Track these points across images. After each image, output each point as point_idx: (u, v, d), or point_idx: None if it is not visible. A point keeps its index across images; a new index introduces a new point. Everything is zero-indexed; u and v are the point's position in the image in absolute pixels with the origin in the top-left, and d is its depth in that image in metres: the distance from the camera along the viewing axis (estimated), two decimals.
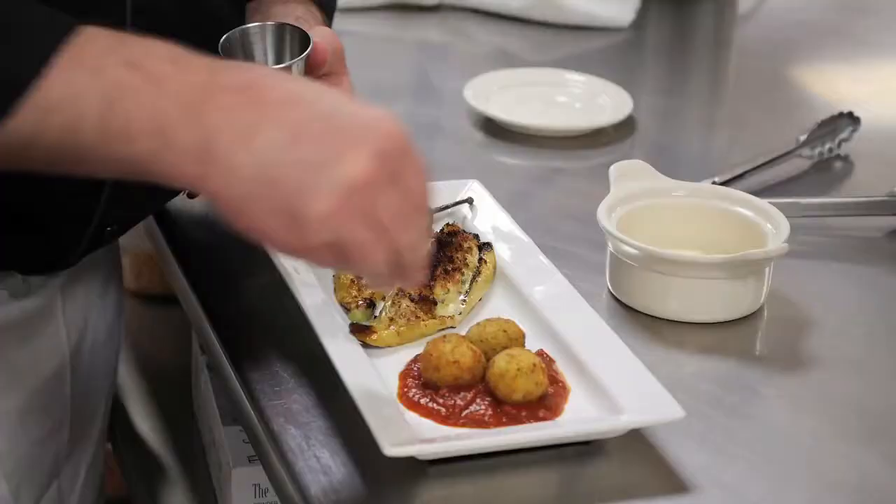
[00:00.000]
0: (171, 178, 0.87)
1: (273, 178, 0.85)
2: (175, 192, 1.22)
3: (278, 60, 1.12)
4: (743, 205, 1.20)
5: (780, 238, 1.15)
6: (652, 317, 1.15)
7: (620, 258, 1.16)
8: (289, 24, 1.12)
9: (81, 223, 1.10)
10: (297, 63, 1.09)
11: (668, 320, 1.14)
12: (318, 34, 1.11)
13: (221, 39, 1.11)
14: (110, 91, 0.85)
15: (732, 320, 1.15)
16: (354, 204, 0.85)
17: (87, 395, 1.26)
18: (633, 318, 1.15)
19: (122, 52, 0.87)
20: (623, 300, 1.17)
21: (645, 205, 1.21)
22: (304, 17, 1.15)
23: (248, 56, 1.12)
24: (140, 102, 0.85)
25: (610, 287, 1.18)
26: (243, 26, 1.12)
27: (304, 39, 1.11)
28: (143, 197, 1.15)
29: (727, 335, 1.14)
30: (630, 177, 1.22)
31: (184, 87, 0.86)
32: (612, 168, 1.23)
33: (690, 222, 1.21)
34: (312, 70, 1.11)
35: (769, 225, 1.18)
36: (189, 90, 0.86)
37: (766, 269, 1.15)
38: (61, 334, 1.19)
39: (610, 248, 1.17)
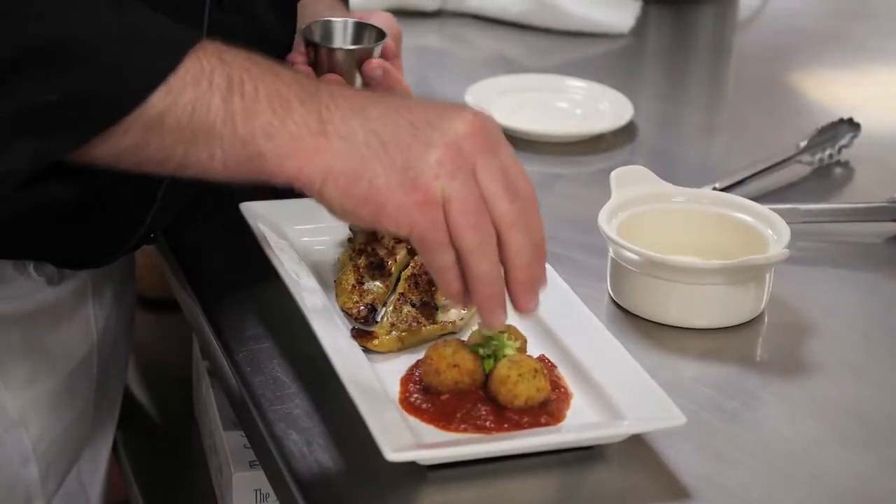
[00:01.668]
0: (283, 156, 0.93)
1: (386, 140, 0.94)
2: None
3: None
4: (743, 210, 1.21)
5: (780, 244, 1.15)
6: (652, 322, 1.15)
7: (621, 264, 1.16)
8: (368, 24, 1.23)
9: (132, 227, 1.13)
10: (376, 48, 1.22)
11: (668, 326, 1.15)
12: (381, 19, 1.21)
13: (303, 26, 1.21)
14: (234, 73, 0.93)
15: (732, 326, 1.15)
16: (462, 154, 0.94)
17: (108, 381, 1.29)
18: (634, 323, 1.15)
19: (243, 52, 0.96)
20: (623, 305, 1.17)
21: (645, 210, 1.21)
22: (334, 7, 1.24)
23: (326, 42, 1.22)
24: (262, 84, 0.94)
25: (610, 292, 1.18)
26: (325, 18, 1.24)
27: (379, 35, 1.23)
28: (189, 201, 1.20)
29: (727, 341, 1.14)
30: (630, 182, 1.23)
31: (298, 78, 0.96)
32: (612, 174, 1.23)
33: (691, 228, 1.21)
34: (384, 56, 1.23)
35: (770, 230, 1.18)
36: (302, 80, 0.96)
37: (767, 275, 1.16)
38: (90, 319, 1.22)
39: (611, 253, 1.18)
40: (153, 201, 1.11)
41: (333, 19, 1.23)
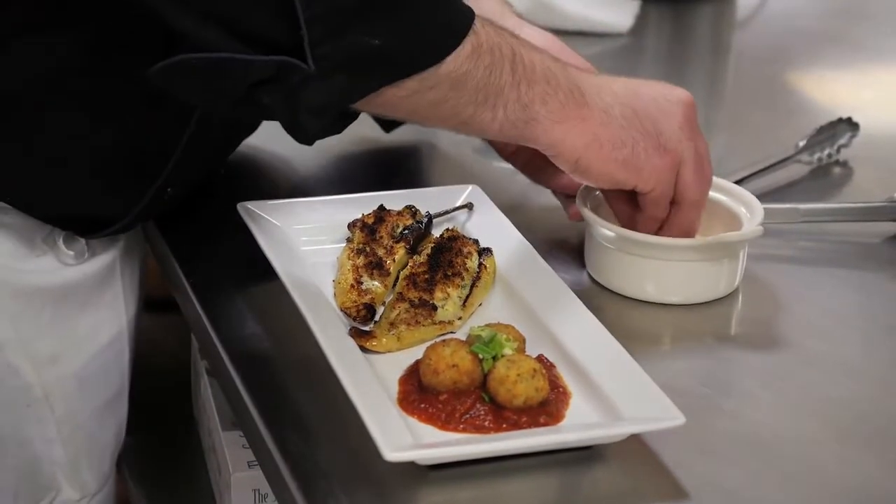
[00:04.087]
0: (555, 121, 1.07)
1: (636, 109, 1.10)
2: (224, 159, 1.33)
3: None
4: (718, 190, 1.23)
5: (754, 221, 1.17)
6: (629, 298, 1.17)
7: (598, 241, 1.18)
8: None
9: (149, 178, 1.17)
10: None
11: (645, 302, 1.17)
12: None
13: None
14: (514, 46, 1.06)
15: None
16: (693, 116, 1.13)
17: (136, 369, 1.29)
18: (611, 299, 1.17)
19: (500, 27, 1.08)
20: (600, 282, 1.19)
21: None
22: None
23: None
24: (535, 57, 1.07)
25: (588, 269, 1.20)
26: None
27: None
28: (203, 162, 1.25)
29: (727, 339, 1.14)
30: None
31: (551, 57, 1.09)
32: None
33: None
34: None
35: (743, 209, 1.20)
36: (553, 58, 1.10)
37: (741, 252, 1.18)
38: (120, 302, 1.24)
39: (588, 231, 1.19)
40: (170, 155, 1.15)
41: None
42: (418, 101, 1.03)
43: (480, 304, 1.12)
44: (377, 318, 1.10)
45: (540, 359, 1.03)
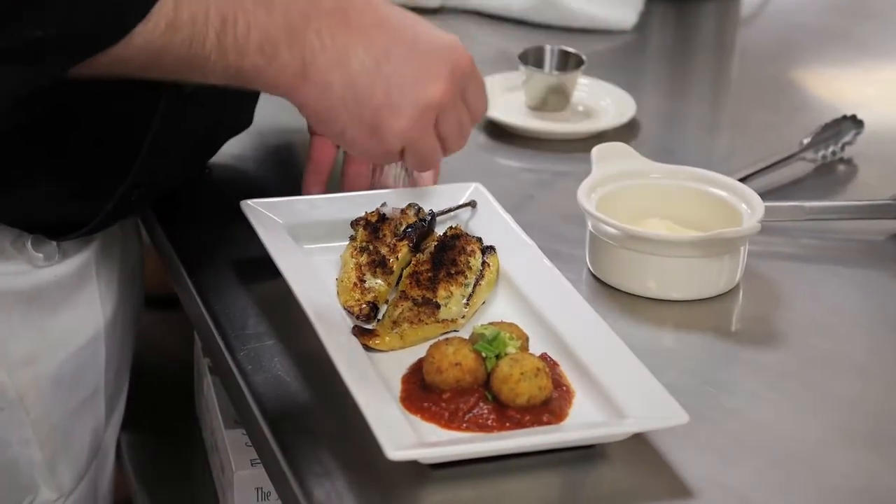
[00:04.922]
0: (270, 89, 1.03)
1: (360, 96, 1.03)
2: (205, 161, 1.32)
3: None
4: (719, 186, 1.23)
5: (754, 217, 1.17)
6: (631, 295, 1.17)
7: (599, 237, 1.18)
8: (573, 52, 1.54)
9: (115, 178, 1.14)
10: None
11: (646, 298, 1.17)
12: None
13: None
14: (227, 12, 0.98)
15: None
16: (427, 120, 1.06)
17: (118, 371, 1.28)
18: (612, 296, 1.17)
19: None
20: (602, 278, 1.19)
21: (625, 186, 1.23)
22: None
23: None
24: (251, 24, 0.99)
25: (589, 266, 1.20)
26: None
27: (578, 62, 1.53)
28: (176, 162, 1.22)
29: (730, 336, 1.14)
30: (612, 158, 1.25)
31: (289, 12, 1.01)
32: (593, 150, 1.26)
33: (669, 203, 1.24)
34: None
35: (744, 205, 1.20)
36: (293, 15, 1.01)
37: (742, 248, 1.18)
38: (96, 303, 1.23)
39: (589, 227, 1.19)
40: (137, 152, 1.12)
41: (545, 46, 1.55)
42: (119, 71, 0.98)
43: (484, 303, 1.12)
44: (380, 316, 1.09)
45: (543, 357, 1.03)
